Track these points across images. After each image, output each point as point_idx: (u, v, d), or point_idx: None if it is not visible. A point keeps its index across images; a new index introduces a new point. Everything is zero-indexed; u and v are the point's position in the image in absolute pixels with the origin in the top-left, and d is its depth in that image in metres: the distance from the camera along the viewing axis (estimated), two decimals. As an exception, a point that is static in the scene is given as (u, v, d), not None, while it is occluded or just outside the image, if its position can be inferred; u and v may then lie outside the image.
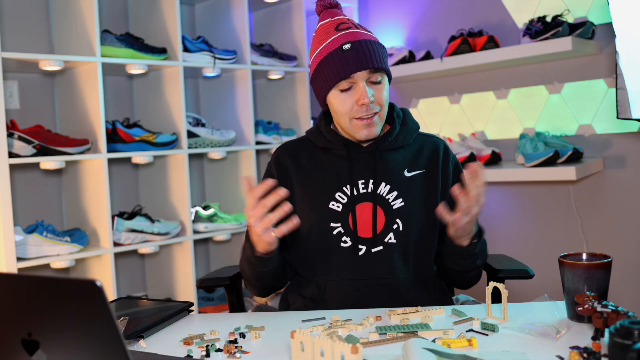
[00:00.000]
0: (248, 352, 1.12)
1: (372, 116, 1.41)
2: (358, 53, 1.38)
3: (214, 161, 3.07)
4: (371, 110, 1.40)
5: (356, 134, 1.43)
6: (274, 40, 3.18)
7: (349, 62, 1.38)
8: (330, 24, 1.45)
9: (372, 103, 1.40)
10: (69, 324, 0.80)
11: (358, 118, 1.40)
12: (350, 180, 1.46)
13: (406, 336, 1.12)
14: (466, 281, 1.50)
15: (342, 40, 1.40)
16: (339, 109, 1.42)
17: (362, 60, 1.37)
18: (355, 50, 1.38)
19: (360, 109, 1.39)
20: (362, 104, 1.38)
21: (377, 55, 1.40)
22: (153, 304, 1.45)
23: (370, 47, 1.39)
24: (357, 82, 1.39)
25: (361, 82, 1.39)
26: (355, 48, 1.38)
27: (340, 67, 1.38)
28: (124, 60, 2.50)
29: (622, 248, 2.51)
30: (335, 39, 1.41)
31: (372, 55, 1.38)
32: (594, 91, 2.59)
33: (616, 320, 0.99)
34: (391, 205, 1.44)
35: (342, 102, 1.41)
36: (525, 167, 2.53)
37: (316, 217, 1.46)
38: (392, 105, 1.55)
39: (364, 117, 1.40)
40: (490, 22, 2.89)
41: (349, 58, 1.38)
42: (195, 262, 2.88)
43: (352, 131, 1.44)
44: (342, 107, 1.41)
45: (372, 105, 1.40)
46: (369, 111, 1.40)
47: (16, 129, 2.26)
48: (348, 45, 1.38)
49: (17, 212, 2.51)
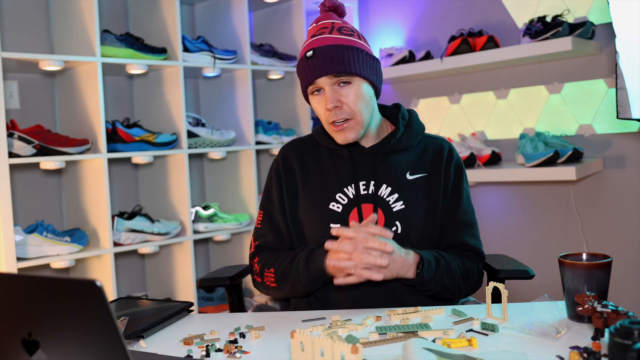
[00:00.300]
0: (248, 352, 1.12)
1: (342, 122, 1.40)
2: (318, 60, 1.39)
3: (214, 161, 3.07)
4: (340, 116, 1.40)
5: (334, 138, 1.45)
6: (274, 40, 3.18)
7: (310, 68, 1.40)
8: (312, 29, 1.47)
9: (340, 109, 1.39)
10: (69, 324, 0.80)
11: (332, 123, 1.41)
12: (352, 181, 1.46)
13: (406, 336, 1.12)
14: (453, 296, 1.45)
15: (307, 48, 1.42)
16: (317, 112, 1.45)
17: (322, 66, 1.38)
18: (316, 57, 1.39)
19: (330, 114, 1.40)
20: (327, 109, 1.40)
21: (342, 60, 1.38)
22: (153, 304, 1.45)
23: (336, 53, 1.38)
24: (323, 87, 1.41)
25: (327, 87, 1.40)
26: (317, 55, 1.39)
27: (305, 74, 1.42)
28: (124, 60, 2.50)
29: (622, 248, 2.51)
30: (305, 46, 1.44)
31: (335, 61, 1.38)
32: (594, 91, 2.59)
33: (616, 320, 0.99)
34: (391, 207, 1.44)
35: (316, 107, 1.44)
36: (525, 167, 2.53)
37: (317, 217, 1.47)
38: (399, 106, 1.55)
39: (335, 123, 1.41)
40: (490, 22, 2.89)
41: (311, 65, 1.39)
42: (195, 262, 2.88)
43: (331, 135, 1.46)
44: (318, 111, 1.44)
45: (341, 111, 1.39)
46: (339, 117, 1.40)
47: (16, 129, 2.26)
48: (310, 53, 1.40)
49: (17, 212, 2.51)
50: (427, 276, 1.35)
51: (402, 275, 1.34)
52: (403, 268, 1.33)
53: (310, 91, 1.43)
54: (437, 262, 1.38)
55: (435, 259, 1.38)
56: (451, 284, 1.40)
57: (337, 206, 1.46)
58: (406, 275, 1.34)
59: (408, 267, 1.33)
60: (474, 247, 1.49)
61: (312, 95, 1.44)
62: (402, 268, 1.33)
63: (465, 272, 1.44)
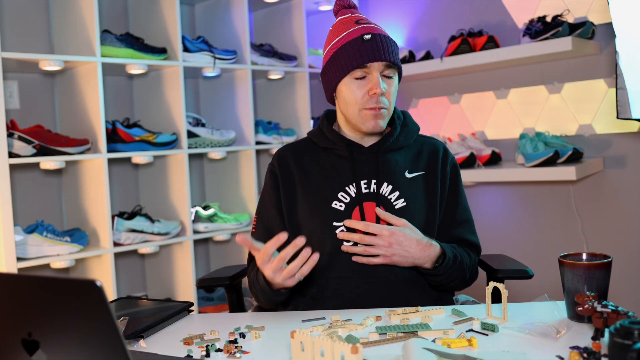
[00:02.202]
0: (248, 352, 1.12)
1: (380, 109, 1.43)
2: (377, 44, 1.41)
3: (214, 161, 3.07)
4: (380, 104, 1.42)
5: (363, 125, 1.45)
6: (274, 40, 3.18)
7: (367, 51, 1.41)
8: (350, 18, 1.49)
9: (383, 96, 1.42)
10: (69, 324, 0.80)
11: (368, 108, 1.42)
12: (353, 180, 1.47)
13: (406, 336, 1.12)
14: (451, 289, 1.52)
15: (363, 31, 1.43)
16: (350, 97, 1.44)
17: (380, 51, 1.41)
18: (374, 41, 1.42)
19: (370, 99, 1.42)
20: (373, 94, 1.41)
21: (393, 51, 1.44)
22: (153, 304, 1.45)
23: (388, 42, 1.44)
24: (371, 72, 1.42)
25: (375, 72, 1.42)
26: (375, 40, 1.42)
27: (359, 55, 1.41)
28: (124, 60, 2.50)
29: (622, 248, 2.51)
30: (355, 30, 1.45)
31: (389, 50, 1.43)
32: (594, 91, 2.59)
33: (616, 320, 0.99)
34: (393, 205, 1.45)
35: (354, 90, 1.43)
36: (525, 167, 2.53)
37: (319, 217, 1.46)
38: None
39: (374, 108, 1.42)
40: (490, 22, 2.89)
41: (368, 47, 1.41)
42: (195, 262, 2.88)
43: (359, 122, 1.45)
44: (353, 96, 1.43)
45: (382, 99, 1.42)
46: (379, 103, 1.42)
47: (16, 129, 2.26)
48: (369, 36, 1.42)
49: (17, 212, 2.51)
50: (442, 271, 1.40)
51: (420, 264, 1.39)
52: (422, 258, 1.38)
53: (353, 75, 1.43)
54: (454, 258, 1.42)
55: (453, 256, 1.42)
56: (457, 278, 1.45)
57: (340, 205, 1.46)
58: (424, 265, 1.39)
59: (428, 258, 1.38)
60: (473, 241, 1.54)
61: (351, 78, 1.43)
62: (421, 258, 1.38)
63: (470, 266, 1.50)
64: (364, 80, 1.43)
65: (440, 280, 1.43)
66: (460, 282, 1.47)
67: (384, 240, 1.36)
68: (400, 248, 1.35)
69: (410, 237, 1.37)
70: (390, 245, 1.35)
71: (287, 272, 1.24)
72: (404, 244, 1.36)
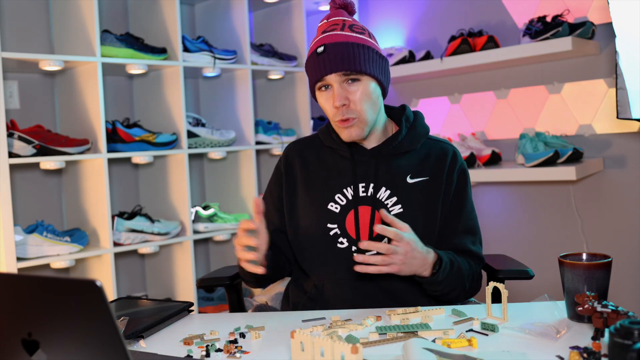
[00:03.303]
0: (248, 352, 1.12)
1: (348, 120, 1.40)
2: (329, 56, 1.38)
3: (214, 161, 3.07)
4: (347, 115, 1.39)
5: (340, 134, 1.44)
6: (274, 40, 3.18)
7: (320, 64, 1.39)
8: (322, 25, 1.47)
9: (347, 107, 1.38)
10: (69, 324, 0.80)
11: (337, 120, 1.41)
12: (351, 182, 1.46)
13: (406, 336, 1.12)
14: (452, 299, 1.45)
15: (319, 44, 1.41)
16: (324, 108, 1.45)
17: (333, 63, 1.37)
18: (327, 53, 1.38)
19: (337, 112, 1.40)
20: (334, 107, 1.39)
21: (353, 58, 1.38)
22: (153, 304, 1.45)
23: (347, 50, 1.38)
24: (331, 84, 1.40)
25: (335, 84, 1.39)
26: (328, 51, 1.38)
27: (315, 69, 1.41)
28: (124, 60, 2.50)
29: (622, 248, 2.51)
30: (316, 42, 1.43)
31: (345, 59, 1.37)
32: (594, 91, 2.59)
33: (616, 320, 0.99)
34: (389, 210, 1.43)
35: (324, 102, 1.44)
36: (525, 167, 2.53)
37: (314, 217, 1.47)
38: (404, 107, 1.54)
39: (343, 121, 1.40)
40: (490, 22, 2.89)
41: (320, 61, 1.39)
42: (195, 262, 2.88)
43: (337, 131, 1.45)
44: (325, 107, 1.44)
45: (347, 110, 1.39)
46: (345, 115, 1.39)
47: (16, 129, 2.26)
48: (321, 49, 1.40)
49: (17, 212, 2.51)
50: (440, 277, 1.34)
51: (419, 273, 1.33)
52: (422, 266, 1.32)
53: (318, 87, 1.43)
54: (451, 265, 1.37)
55: (450, 262, 1.37)
56: (456, 287, 1.40)
57: (335, 207, 1.46)
58: (422, 274, 1.34)
59: (426, 265, 1.33)
60: (475, 252, 1.47)
61: (320, 91, 1.43)
62: (422, 266, 1.32)
63: (470, 275, 1.44)
64: (330, 92, 1.41)
65: (440, 289, 1.38)
66: (462, 291, 1.42)
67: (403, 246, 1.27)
68: (411, 257, 1.29)
69: (418, 245, 1.30)
70: (407, 253, 1.27)
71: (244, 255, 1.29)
72: (415, 252, 1.29)
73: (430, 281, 1.35)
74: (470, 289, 1.46)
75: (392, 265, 1.27)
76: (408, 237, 1.28)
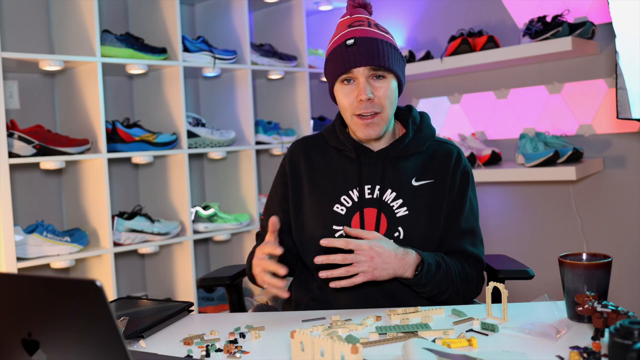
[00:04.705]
0: (248, 352, 1.12)
1: (371, 116, 1.40)
2: (360, 49, 1.38)
3: (214, 161, 3.07)
4: (370, 109, 1.39)
5: (357, 131, 1.43)
6: (274, 40, 3.18)
7: (349, 56, 1.38)
8: (346, 20, 1.47)
9: (371, 102, 1.39)
10: (69, 324, 0.80)
11: (358, 115, 1.40)
12: (357, 184, 1.46)
13: (406, 336, 1.12)
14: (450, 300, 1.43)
15: (347, 36, 1.41)
16: (342, 102, 1.43)
17: (363, 56, 1.38)
18: (358, 46, 1.38)
19: (359, 106, 1.39)
20: (360, 100, 1.38)
21: (381, 54, 1.39)
22: (153, 304, 1.45)
23: (375, 45, 1.39)
24: (357, 78, 1.40)
25: (361, 77, 1.39)
26: (359, 44, 1.39)
27: (342, 61, 1.39)
28: (124, 60, 2.50)
29: (622, 248, 2.51)
30: (342, 35, 1.42)
31: (375, 53, 1.38)
32: (594, 91, 2.59)
33: (616, 320, 0.99)
34: (395, 212, 1.43)
35: (345, 96, 1.42)
36: (525, 167, 2.53)
37: (320, 219, 1.46)
38: (411, 108, 1.54)
39: (364, 116, 1.40)
40: (490, 22, 2.89)
41: (350, 53, 1.38)
42: (195, 262, 2.88)
43: (353, 128, 1.44)
44: (344, 101, 1.42)
45: (371, 105, 1.39)
46: (368, 109, 1.39)
47: (16, 129, 2.26)
48: (351, 41, 1.39)
49: (17, 212, 2.51)
50: (424, 278, 1.34)
51: (400, 275, 1.33)
52: (401, 268, 1.31)
53: (341, 80, 1.42)
54: (437, 265, 1.36)
55: (436, 263, 1.36)
56: (448, 288, 1.39)
57: (341, 209, 1.46)
58: (404, 275, 1.33)
59: (407, 267, 1.32)
60: (473, 253, 1.46)
61: (341, 84, 1.42)
62: (400, 268, 1.31)
63: (464, 276, 1.42)
64: (352, 86, 1.40)
65: (429, 290, 1.37)
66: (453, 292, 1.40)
67: (365, 254, 1.27)
68: (381, 261, 1.28)
69: (387, 248, 1.29)
70: (372, 259, 1.27)
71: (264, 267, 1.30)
72: (384, 255, 1.28)
73: (414, 283, 1.35)
74: (467, 291, 1.44)
75: (363, 273, 1.27)
76: (372, 244, 1.28)
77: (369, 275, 1.28)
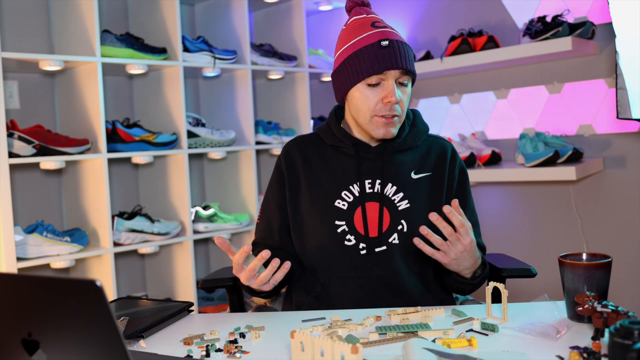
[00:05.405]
0: (248, 352, 1.12)
1: (392, 117, 1.41)
2: (394, 51, 1.39)
3: (214, 161, 3.07)
4: (394, 111, 1.40)
5: (374, 131, 1.43)
6: (274, 40, 3.18)
7: (384, 58, 1.38)
8: (365, 20, 1.46)
9: (397, 104, 1.40)
10: (69, 324, 0.80)
11: (380, 115, 1.41)
12: (358, 179, 1.46)
13: (406, 336, 1.12)
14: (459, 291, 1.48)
15: (380, 37, 1.41)
16: (362, 104, 1.42)
17: (398, 59, 1.38)
18: (392, 48, 1.39)
19: (384, 107, 1.40)
20: (387, 102, 1.39)
21: (410, 58, 1.42)
22: (153, 304, 1.45)
23: (405, 49, 1.41)
24: (387, 80, 1.40)
25: (391, 79, 1.40)
26: (393, 46, 1.39)
27: (375, 62, 1.38)
28: (124, 60, 2.50)
29: (622, 248, 2.51)
30: (372, 34, 1.42)
31: (406, 57, 1.40)
32: (594, 91, 2.59)
33: (616, 320, 0.99)
34: (397, 206, 1.45)
35: (367, 97, 1.41)
36: (525, 167, 2.53)
37: (321, 215, 1.47)
38: None
39: (386, 116, 1.40)
40: (490, 22, 2.89)
41: (385, 54, 1.38)
42: (195, 262, 2.88)
43: (370, 128, 1.43)
44: (365, 103, 1.41)
45: (395, 107, 1.40)
46: (392, 111, 1.40)
47: (16, 129, 2.26)
48: (386, 42, 1.39)
49: (17, 212, 2.51)
50: (477, 281, 1.40)
51: (461, 272, 1.37)
52: (468, 269, 1.36)
53: (368, 81, 1.40)
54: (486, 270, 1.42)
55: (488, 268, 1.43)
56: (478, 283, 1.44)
57: (343, 204, 1.46)
58: (463, 273, 1.37)
59: (472, 269, 1.37)
60: (481, 244, 1.51)
61: (367, 85, 1.41)
62: (468, 268, 1.36)
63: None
64: (378, 87, 1.40)
65: (468, 289, 1.42)
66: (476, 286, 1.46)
67: (461, 244, 1.28)
68: (466, 256, 1.30)
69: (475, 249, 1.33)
70: (464, 250, 1.29)
71: (260, 280, 1.29)
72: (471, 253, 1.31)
73: (465, 281, 1.40)
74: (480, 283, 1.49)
75: (447, 254, 1.29)
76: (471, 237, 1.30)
77: (447, 259, 1.30)
